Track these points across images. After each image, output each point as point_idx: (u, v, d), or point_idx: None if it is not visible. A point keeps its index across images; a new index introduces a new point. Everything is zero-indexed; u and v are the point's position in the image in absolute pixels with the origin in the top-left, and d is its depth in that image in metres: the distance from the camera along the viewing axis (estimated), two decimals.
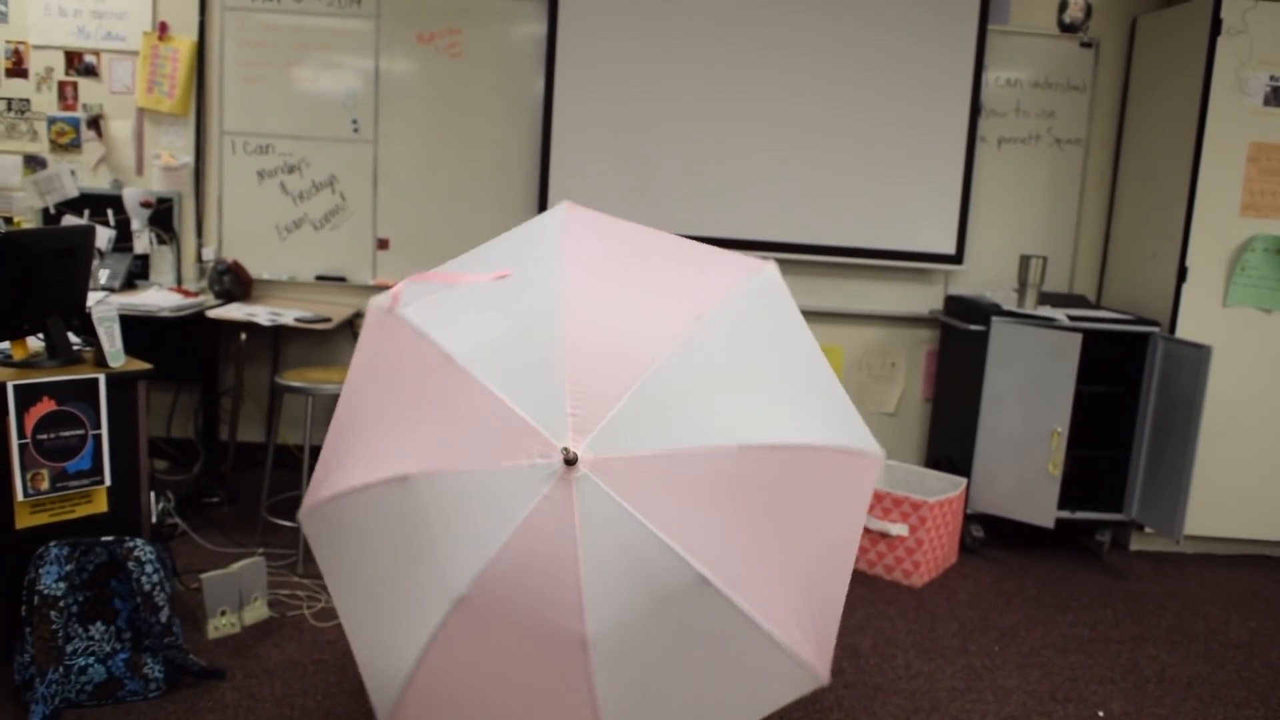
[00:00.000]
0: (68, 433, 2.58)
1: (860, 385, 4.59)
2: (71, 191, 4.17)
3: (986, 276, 4.52)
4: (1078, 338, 3.74)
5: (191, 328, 3.94)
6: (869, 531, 3.64)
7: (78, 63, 4.24)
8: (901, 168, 4.34)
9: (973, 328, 4.03)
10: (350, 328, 4.37)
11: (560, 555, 1.61)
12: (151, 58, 4.23)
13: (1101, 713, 2.77)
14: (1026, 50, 4.41)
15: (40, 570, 2.44)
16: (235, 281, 4.20)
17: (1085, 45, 4.42)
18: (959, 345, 4.28)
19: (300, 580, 3.29)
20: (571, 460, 1.60)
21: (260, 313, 3.93)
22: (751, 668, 1.78)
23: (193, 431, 4.45)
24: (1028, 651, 3.13)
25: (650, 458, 1.64)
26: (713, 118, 4.28)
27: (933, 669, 2.97)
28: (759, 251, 4.31)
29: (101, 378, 2.64)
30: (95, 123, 4.28)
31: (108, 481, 2.66)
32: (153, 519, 2.96)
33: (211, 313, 3.93)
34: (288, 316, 3.91)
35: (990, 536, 4.09)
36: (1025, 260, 4.05)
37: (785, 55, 4.26)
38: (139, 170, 4.33)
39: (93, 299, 3.65)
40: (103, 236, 4.14)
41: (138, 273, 4.24)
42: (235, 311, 3.95)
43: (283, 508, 3.82)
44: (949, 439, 4.35)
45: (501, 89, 4.32)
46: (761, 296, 1.92)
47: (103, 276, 4.08)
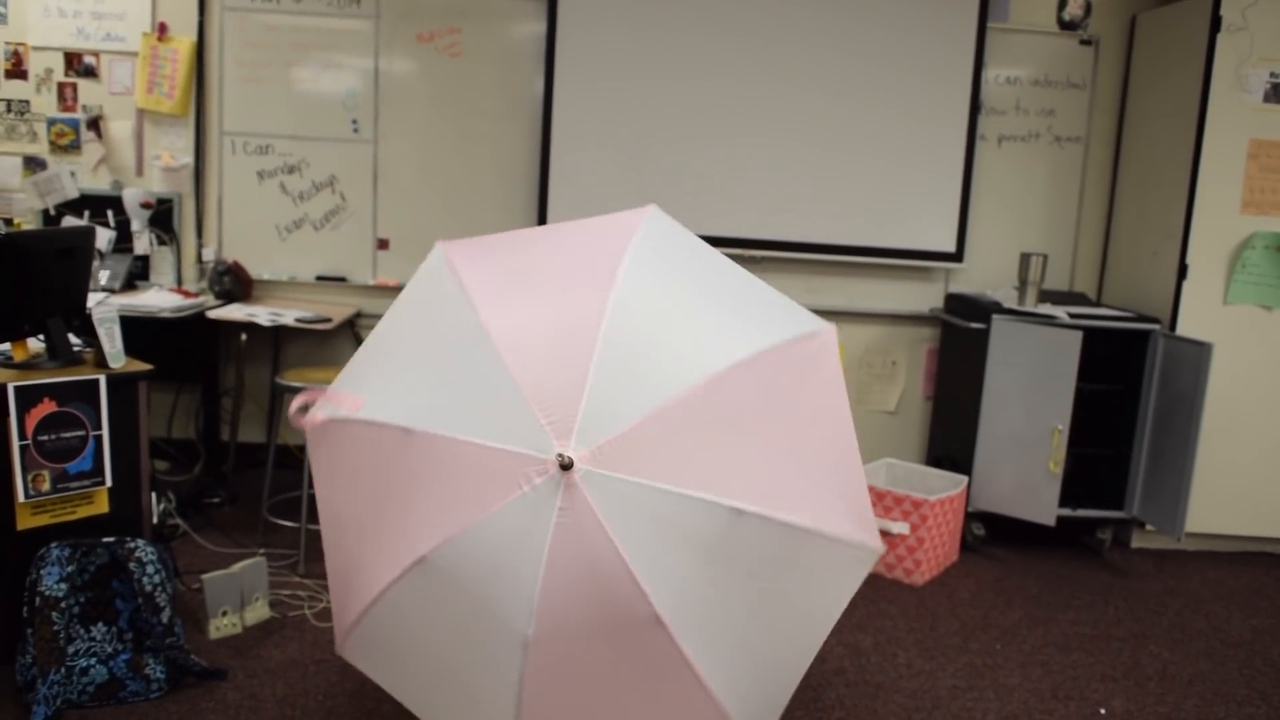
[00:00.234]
0: (68, 434, 2.58)
1: (861, 384, 4.59)
2: (71, 192, 4.17)
3: (987, 274, 4.52)
4: (1078, 335, 3.74)
5: (192, 328, 3.94)
6: None
7: (77, 64, 4.24)
8: (902, 165, 4.34)
9: (973, 326, 4.03)
10: (351, 327, 4.37)
11: (600, 554, 1.63)
12: (151, 58, 4.23)
13: (1103, 710, 2.77)
14: (1026, 48, 4.41)
15: (41, 571, 2.44)
16: (235, 282, 4.20)
17: (1085, 43, 4.42)
18: (960, 343, 4.27)
19: (301, 580, 3.30)
20: (568, 465, 1.61)
21: (260, 313, 3.93)
22: (816, 569, 1.82)
23: (193, 432, 4.46)
24: (1029, 649, 3.13)
25: (636, 427, 1.66)
26: (713, 116, 4.28)
27: (934, 667, 2.97)
28: (760, 251, 4.32)
29: (102, 378, 2.64)
30: (95, 124, 4.28)
31: (109, 482, 2.67)
32: (154, 520, 2.96)
33: (212, 313, 3.93)
34: (288, 317, 3.91)
35: (991, 534, 4.09)
36: (1026, 258, 4.05)
37: (785, 54, 4.26)
38: (139, 171, 4.33)
39: (93, 300, 3.65)
40: (103, 237, 4.15)
41: (138, 273, 4.24)
42: (235, 312, 3.96)
43: (284, 508, 3.83)
44: (950, 437, 4.35)
45: (501, 88, 4.32)
46: (658, 238, 1.95)
47: (103, 277, 4.09)
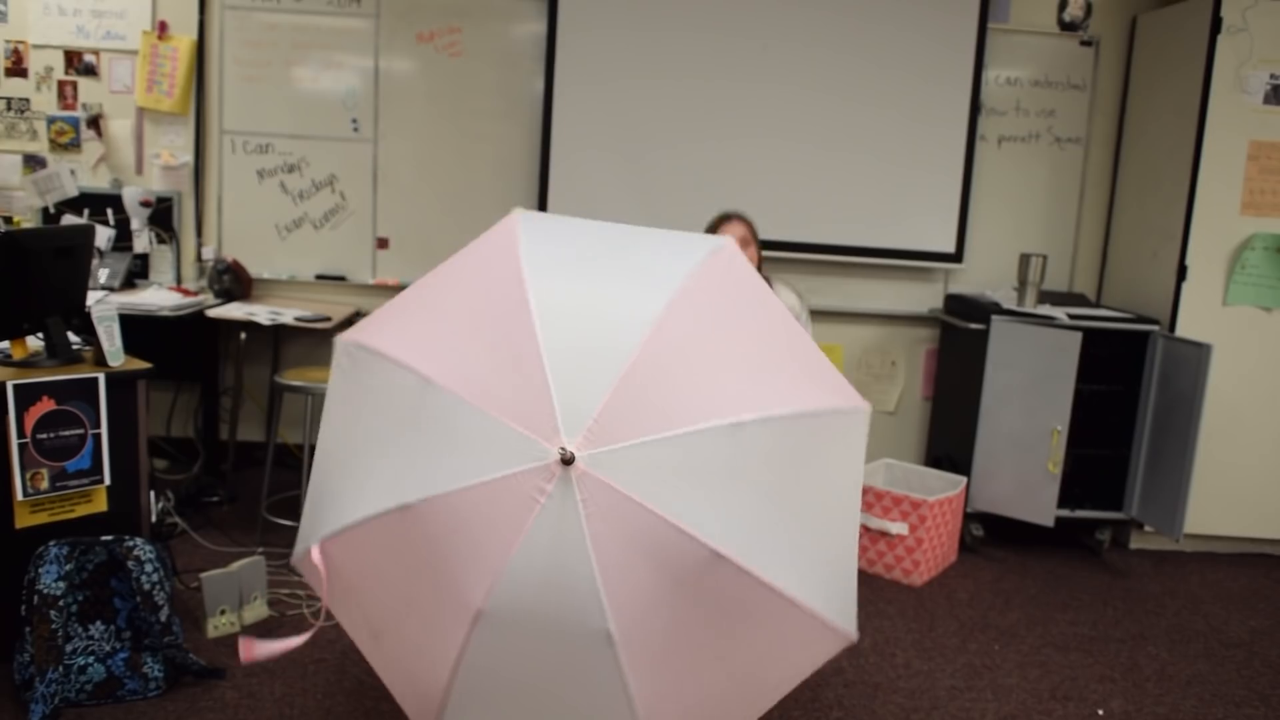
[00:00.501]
0: (67, 432, 2.58)
1: (860, 384, 4.59)
2: (71, 191, 4.16)
3: (986, 275, 4.52)
4: (1077, 336, 3.74)
5: (191, 327, 3.94)
6: (869, 530, 3.64)
7: (77, 62, 4.24)
8: (902, 165, 4.34)
9: (973, 326, 4.03)
10: (350, 326, 4.37)
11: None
12: (151, 57, 4.23)
13: (1101, 711, 2.77)
14: (1026, 49, 4.41)
15: (40, 569, 2.44)
16: (235, 280, 4.20)
17: (1085, 44, 4.42)
18: (959, 344, 4.27)
19: (300, 579, 3.29)
20: (568, 460, 1.59)
21: (260, 312, 3.93)
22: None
23: (192, 431, 4.45)
24: (1027, 650, 3.13)
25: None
26: (713, 116, 4.28)
27: (932, 668, 2.97)
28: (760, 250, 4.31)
29: (101, 377, 2.64)
30: (95, 122, 4.28)
31: (107, 481, 2.66)
32: (152, 518, 2.96)
33: (211, 312, 3.93)
34: (287, 315, 3.91)
35: (990, 535, 4.09)
36: (1025, 259, 4.05)
37: (785, 53, 4.25)
38: (138, 169, 4.33)
39: (92, 298, 3.65)
40: (102, 236, 4.14)
41: (137, 272, 4.24)
42: (235, 310, 3.95)
43: (282, 507, 3.82)
44: (949, 438, 4.35)
45: (501, 87, 4.32)
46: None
47: (102, 276, 4.08)
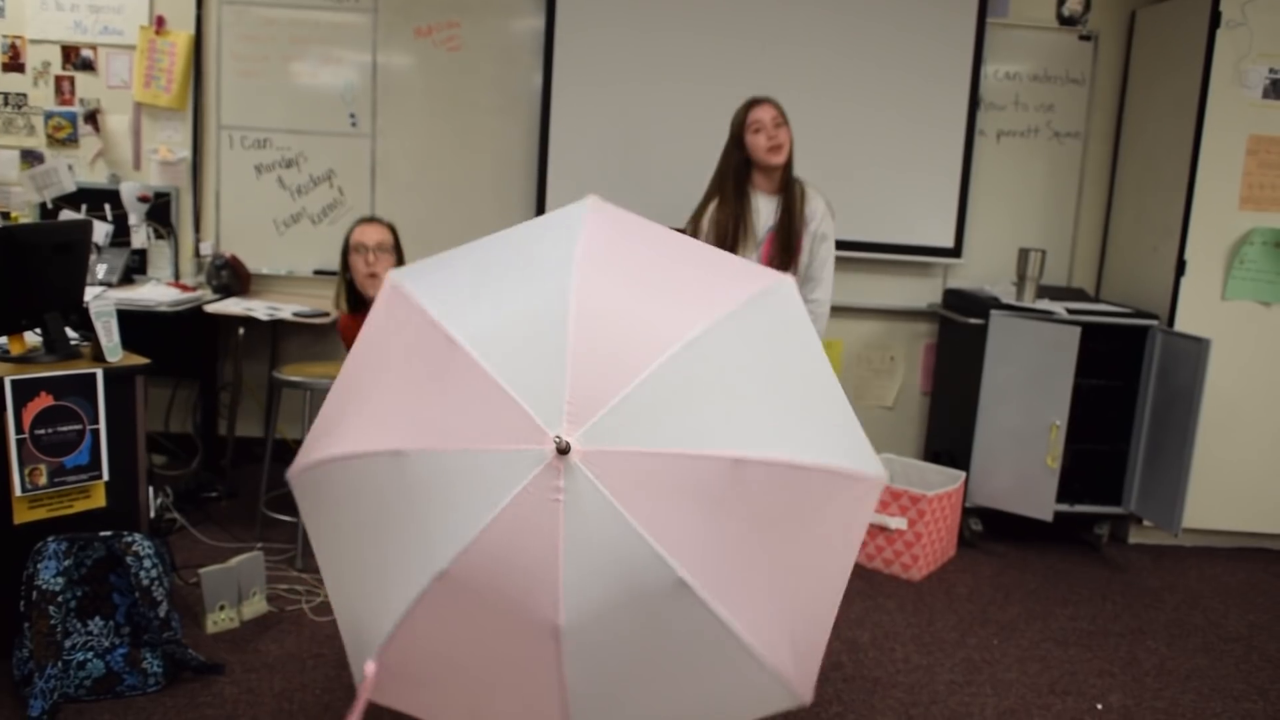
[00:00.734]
0: (65, 428, 2.58)
1: (859, 379, 4.59)
2: (69, 186, 4.16)
3: (985, 270, 4.51)
4: (1076, 331, 3.74)
5: (189, 322, 3.93)
6: (868, 524, 3.64)
7: (75, 57, 4.23)
8: (900, 161, 4.33)
9: (971, 321, 4.03)
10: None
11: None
12: (149, 52, 4.22)
13: (1100, 705, 2.77)
14: (1025, 43, 4.40)
15: (38, 565, 2.44)
16: (233, 276, 4.19)
17: (1084, 38, 4.41)
18: (958, 339, 4.27)
19: (299, 575, 3.29)
20: (564, 449, 1.60)
21: (258, 307, 3.93)
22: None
23: (191, 426, 4.45)
24: (1026, 645, 3.14)
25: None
26: (712, 112, 4.27)
27: (931, 662, 2.97)
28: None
29: (99, 372, 2.64)
30: (92, 117, 4.27)
31: (106, 476, 2.66)
32: (151, 514, 2.96)
33: (209, 307, 3.92)
34: (286, 311, 3.91)
35: (989, 530, 4.09)
36: (1024, 254, 4.05)
37: (784, 48, 4.25)
38: (136, 165, 4.32)
39: (90, 294, 3.64)
40: (100, 231, 4.14)
41: (135, 267, 4.23)
42: (233, 306, 3.95)
43: (281, 502, 3.81)
44: (948, 432, 4.35)
45: (500, 82, 4.31)
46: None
47: (100, 271, 4.08)
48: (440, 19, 4.26)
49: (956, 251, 4.42)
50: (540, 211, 4.25)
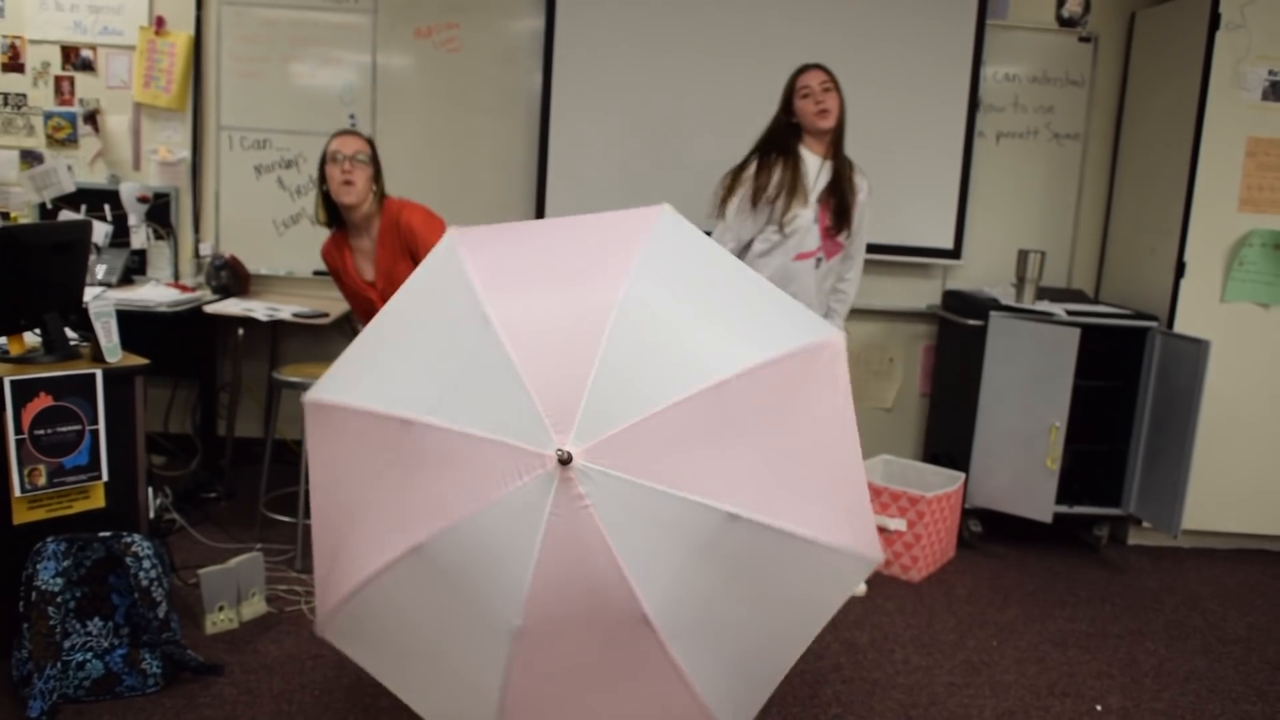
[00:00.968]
0: (65, 428, 2.57)
1: (858, 381, 4.59)
2: (68, 186, 4.16)
3: (985, 271, 4.52)
4: (1076, 332, 3.74)
5: (189, 323, 3.93)
6: None
7: (74, 57, 4.23)
8: (899, 162, 4.33)
9: (971, 323, 4.03)
10: (348, 322, 4.36)
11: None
12: (148, 52, 4.22)
13: (1099, 707, 2.77)
14: (1025, 45, 4.40)
15: (38, 566, 2.43)
16: (232, 276, 4.19)
17: (1084, 40, 4.42)
18: (957, 340, 4.27)
19: (298, 575, 3.29)
20: (566, 460, 1.60)
21: (258, 308, 3.93)
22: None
23: (190, 427, 4.45)
24: (1025, 646, 3.14)
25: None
26: (712, 111, 4.28)
27: (931, 664, 2.97)
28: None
29: (99, 373, 2.64)
30: (92, 118, 4.27)
31: (105, 477, 2.66)
32: (150, 514, 2.95)
33: (209, 308, 3.92)
34: (285, 311, 3.90)
35: (988, 531, 4.09)
36: (1023, 255, 4.05)
37: (783, 50, 4.24)
38: (136, 165, 4.32)
39: (90, 294, 3.64)
40: (100, 232, 4.14)
41: (135, 268, 4.23)
42: (233, 306, 3.95)
43: (281, 503, 3.82)
44: (947, 434, 4.35)
45: (499, 84, 4.31)
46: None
47: (99, 272, 4.08)
48: (440, 20, 4.26)
49: (956, 253, 4.43)
50: (540, 213, 4.25)
